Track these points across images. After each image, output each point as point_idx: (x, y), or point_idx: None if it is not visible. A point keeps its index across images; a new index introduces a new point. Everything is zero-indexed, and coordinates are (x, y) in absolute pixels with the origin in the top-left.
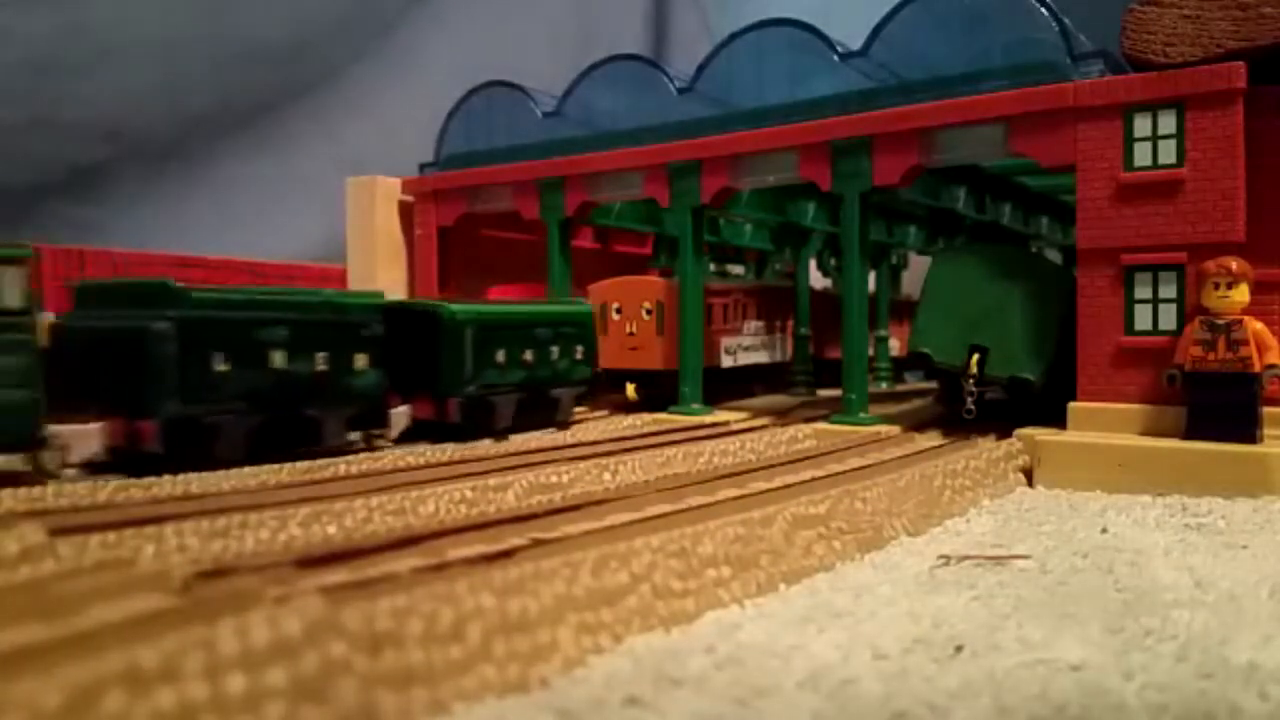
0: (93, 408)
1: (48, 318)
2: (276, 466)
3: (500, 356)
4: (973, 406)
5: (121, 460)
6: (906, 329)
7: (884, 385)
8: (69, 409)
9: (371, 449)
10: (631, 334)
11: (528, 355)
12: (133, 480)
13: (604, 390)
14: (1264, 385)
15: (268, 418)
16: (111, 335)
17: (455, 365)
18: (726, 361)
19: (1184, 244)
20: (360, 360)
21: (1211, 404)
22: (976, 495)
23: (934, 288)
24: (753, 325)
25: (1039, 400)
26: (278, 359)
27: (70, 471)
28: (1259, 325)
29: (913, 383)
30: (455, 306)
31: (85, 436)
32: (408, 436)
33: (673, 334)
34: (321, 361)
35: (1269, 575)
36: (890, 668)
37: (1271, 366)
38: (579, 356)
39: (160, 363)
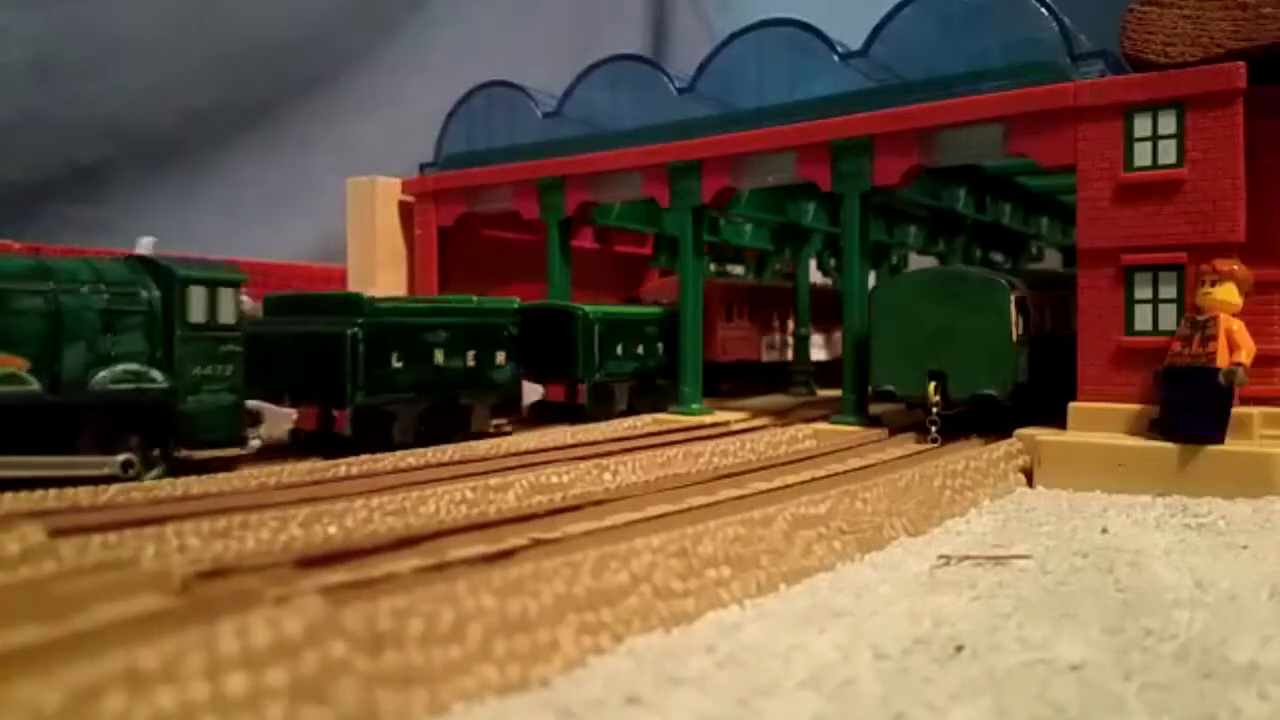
0: (287, 399)
1: None
2: (439, 449)
3: (619, 350)
4: (937, 435)
5: (313, 444)
6: None
7: None
8: (268, 399)
9: (506, 432)
10: None
11: (639, 349)
12: (132, 481)
13: None
14: (1230, 383)
15: (431, 405)
16: (309, 339)
17: (587, 357)
18: (768, 356)
19: (1184, 244)
20: (500, 357)
21: (1178, 401)
22: (976, 495)
23: (880, 322)
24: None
25: (1023, 409)
26: (439, 356)
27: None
28: (1236, 324)
29: None
30: (588, 307)
31: (280, 417)
32: (541, 418)
33: (714, 330)
34: (471, 358)
35: (1269, 575)
36: (890, 668)
37: (1237, 365)
38: (662, 352)
39: (352, 361)
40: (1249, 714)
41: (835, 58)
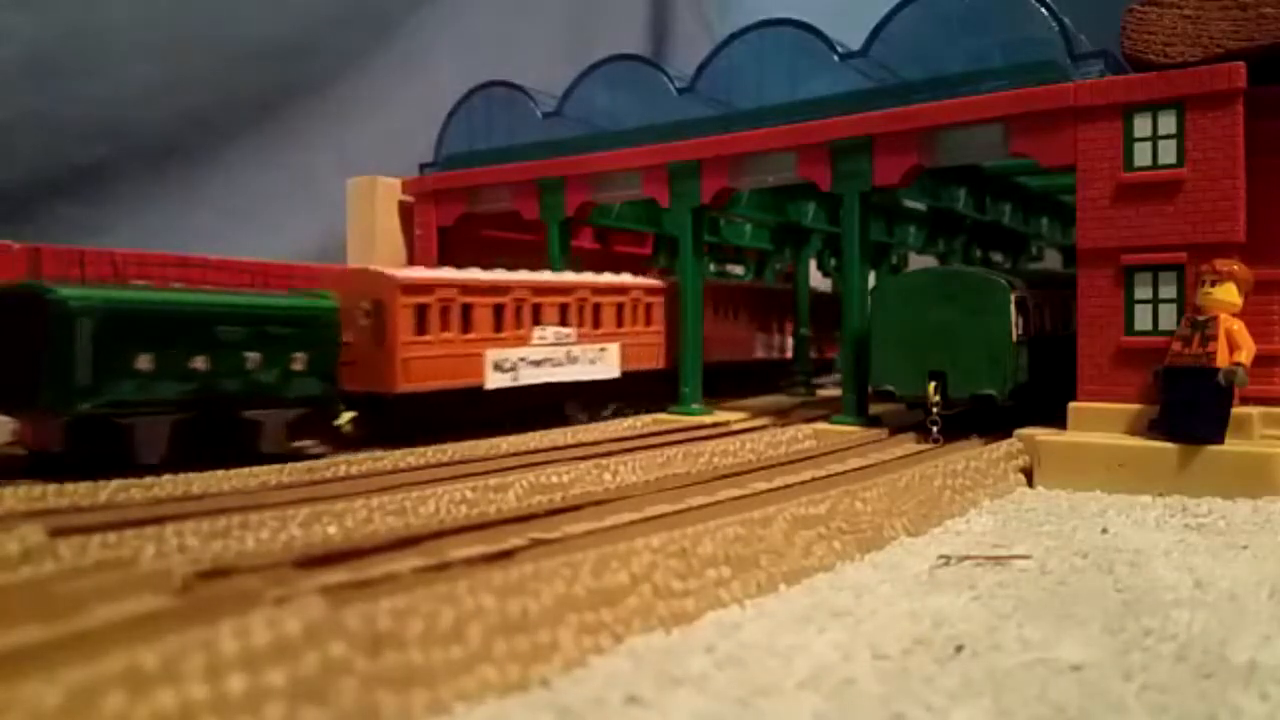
0: None
1: None
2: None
3: (148, 363)
4: (939, 435)
5: None
6: None
7: None
8: None
9: None
10: (346, 344)
11: (198, 363)
12: (132, 480)
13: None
14: (1230, 383)
15: None
16: None
17: (61, 371)
18: (497, 381)
19: (1184, 244)
20: None
21: (1178, 401)
22: (976, 495)
23: (880, 321)
24: (551, 332)
25: (1023, 408)
26: None
27: None
28: (1236, 324)
29: None
30: (72, 289)
31: None
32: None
33: (393, 347)
34: None
35: (1269, 575)
36: (890, 668)
37: (1237, 365)
38: (299, 367)
39: None
40: (1249, 714)
41: (835, 58)
